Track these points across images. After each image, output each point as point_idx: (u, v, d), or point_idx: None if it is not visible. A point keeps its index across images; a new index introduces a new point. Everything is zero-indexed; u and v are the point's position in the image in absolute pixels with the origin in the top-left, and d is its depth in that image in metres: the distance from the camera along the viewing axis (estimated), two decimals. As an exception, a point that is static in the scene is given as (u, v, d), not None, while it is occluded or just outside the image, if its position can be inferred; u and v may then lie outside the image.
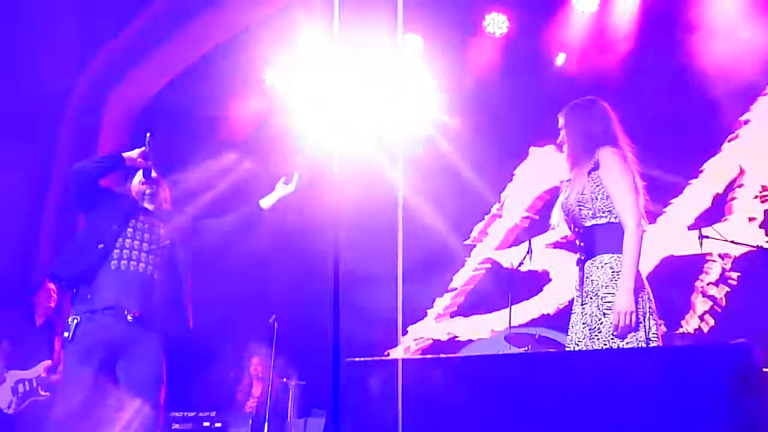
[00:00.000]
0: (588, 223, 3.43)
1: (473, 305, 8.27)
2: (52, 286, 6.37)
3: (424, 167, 7.83)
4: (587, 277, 3.39)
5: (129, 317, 4.09)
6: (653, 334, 3.24)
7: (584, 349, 3.30)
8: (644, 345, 3.19)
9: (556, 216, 3.64)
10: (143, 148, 4.37)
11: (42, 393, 6.11)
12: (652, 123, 7.10)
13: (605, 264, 3.34)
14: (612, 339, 3.22)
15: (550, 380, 2.59)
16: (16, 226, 6.83)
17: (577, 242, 3.52)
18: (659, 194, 7.14)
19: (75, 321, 4.06)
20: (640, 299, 3.27)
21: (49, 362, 6.15)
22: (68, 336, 4.04)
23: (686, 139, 7.03)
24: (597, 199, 3.41)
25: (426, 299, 8.41)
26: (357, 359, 2.84)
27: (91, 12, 6.69)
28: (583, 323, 3.36)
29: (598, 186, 3.41)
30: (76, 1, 6.53)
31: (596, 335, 3.28)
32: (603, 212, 3.40)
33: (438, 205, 8.02)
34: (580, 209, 3.44)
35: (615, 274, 3.30)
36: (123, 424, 3.99)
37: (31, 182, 7.11)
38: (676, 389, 2.36)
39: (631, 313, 3.19)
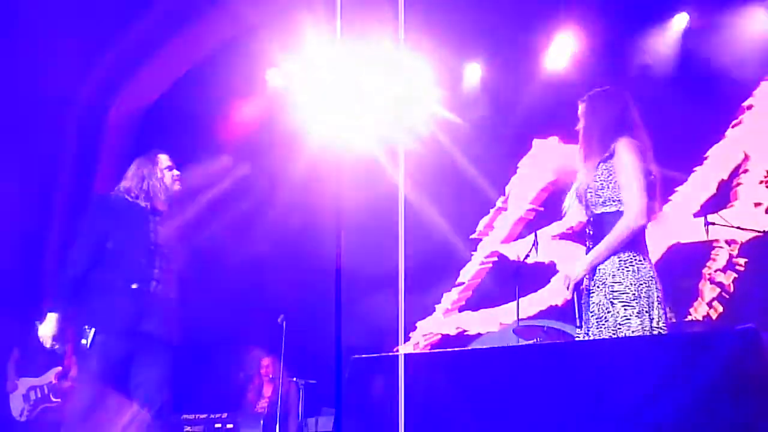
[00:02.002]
0: (598, 211, 3.45)
1: (481, 299, 8.27)
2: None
3: (427, 163, 7.82)
4: (596, 266, 3.41)
5: (139, 329, 4.13)
6: (658, 323, 3.25)
7: (592, 338, 3.31)
8: (649, 334, 3.20)
9: (569, 201, 3.66)
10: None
11: (53, 399, 6.13)
12: (654, 111, 7.07)
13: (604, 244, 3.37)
14: (618, 328, 3.23)
15: (559, 371, 2.59)
16: (24, 233, 6.84)
17: (587, 230, 3.53)
18: (664, 184, 7.13)
19: (93, 330, 4.07)
20: (646, 289, 3.27)
21: (59, 369, 6.17)
22: (86, 343, 4.05)
23: (690, 126, 7.01)
24: (608, 187, 3.43)
25: (434, 294, 8.41)
26: (363, 356, 2.84)
27: (94, 14, 6.71)
28: (591, 312, 3.37)
29: (611, 174, 3.43)
30: (80, 3, 6.54)
31: (603, 324, 3.29)
32: (613, 201, 3.42)
33: (443, 200, 8.02)
34: (591, 196, 3.47)
35: (622, 263, 3.32)
36: (129, 427, 4.03)
37: (37, 187, 7.12)
38: (685, 375, 2.36)
39: (572, 282, 3.44)
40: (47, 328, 4.11)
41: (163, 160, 4.48)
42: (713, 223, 5.72)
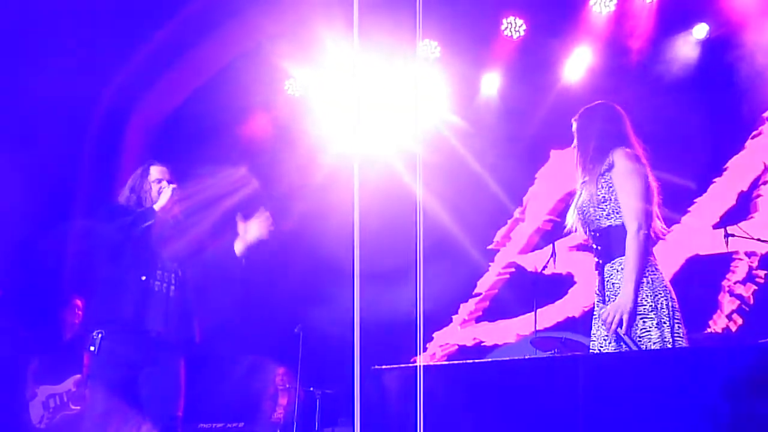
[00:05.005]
0: (603, 224, 3.43)
1: (498, 310, 8.24)
2: (78, 302, 6.44)
3: (444, 172, 7.82)
4: (608, 281, 3.39)
5: (151, 333, 4.14)
6: (676, 333, 3.22)
7: (609, 351, 3.29)
8: (668, 345, 3.18)
9: (571, 219, 3.65)
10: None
11: (73, 407, 6.15)
12: (673, 122, 7.05)
13: (623, 266, 3.33)
14: (639, 341, 3.21)
15: (577, 383, 2.58)
16: (43, 242, 6.89)
17: (594, 246, 3.51)
18: (681, 197, 7.10)
19: (100, 335, 4.10)
20: (662, 299, 3.25)
21: (78, 376, 6.19)
22: (94, 350, 4.09)
23: (709, 136, 6.97)
24: (611, 199, 3.41)
25: (451, 305, 8.39)
26: (381, 367, 2.84)
27: (117, 22, 6.78)
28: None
29: (611, 187, 3.42)
30: (102, 11, 6.61)
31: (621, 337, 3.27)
32: (617, 213, 3.40)
33: (460, 210, 8.01)
34: (595, 210, 3.45)
35: None
36: None
37: (57, 197, 7.17)
38: (705, 390, 2.34)
39: (625, 313, 3.22)
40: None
41: (154, 172, 4.44)
42: (733, 235, 5.68)
